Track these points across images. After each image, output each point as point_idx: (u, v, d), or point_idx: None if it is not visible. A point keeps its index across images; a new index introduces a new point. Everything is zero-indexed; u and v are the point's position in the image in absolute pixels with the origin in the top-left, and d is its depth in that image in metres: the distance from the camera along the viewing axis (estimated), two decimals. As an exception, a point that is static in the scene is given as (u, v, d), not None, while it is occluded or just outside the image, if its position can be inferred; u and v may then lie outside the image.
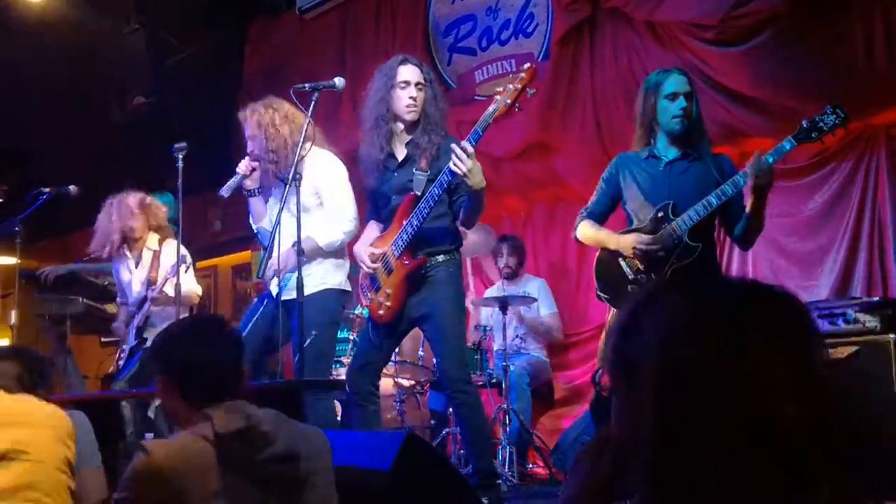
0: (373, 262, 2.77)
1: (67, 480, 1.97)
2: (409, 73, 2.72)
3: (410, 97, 2.69)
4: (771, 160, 2.50)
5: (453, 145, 2.50)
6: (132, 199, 3.79)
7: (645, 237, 2.65)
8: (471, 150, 2.45)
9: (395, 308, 2.72)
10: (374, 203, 2.92)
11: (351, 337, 4.09)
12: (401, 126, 2.77)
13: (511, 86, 2.50)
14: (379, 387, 2.86)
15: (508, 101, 2.49)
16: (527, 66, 2.54)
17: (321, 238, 2.92)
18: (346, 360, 4.02)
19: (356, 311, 4.00)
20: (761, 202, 2.53)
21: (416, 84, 2.72)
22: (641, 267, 2.68)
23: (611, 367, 0.71)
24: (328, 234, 2.93)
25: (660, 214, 2.67)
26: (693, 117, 2.66)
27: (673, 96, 2.66)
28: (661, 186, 2.68)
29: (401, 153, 2.77)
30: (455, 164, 2.44)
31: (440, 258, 2.71)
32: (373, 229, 2.92)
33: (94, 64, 5.61)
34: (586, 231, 2.85)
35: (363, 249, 2.82)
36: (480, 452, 2.68)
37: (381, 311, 2.75)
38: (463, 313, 2.75)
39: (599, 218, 2.87)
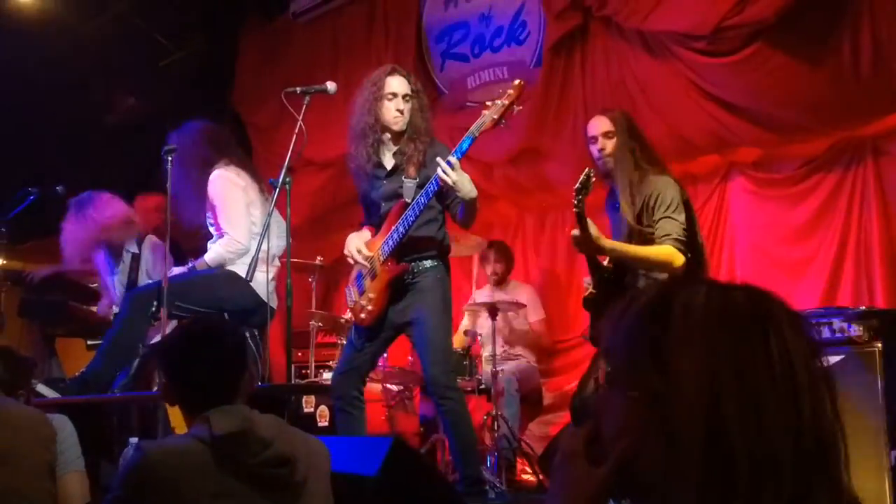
0: (357, 259, 2.81)
1: (49, 485, 1.94)
2: (396, 84, 2.76)
3: (398, 109, 2.73)
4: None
5: (438, 159, 2.54)
6: (114, 208, 3.77)
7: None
8: (455, 162, 2.49)
9: (375, 312, 2.74)
10: (366, 209, 2.94)
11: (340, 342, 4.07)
12: (388, 135, 2.80)
13: (499, 101, 2.53)
14: (363, 392, 2.86)
15: (495, 117, 2.52)
16: (516, 82, 2.56)
17: (207, 255, 3.25)
18: (334, 364, 4.00)
19: (345, 317, 3.99)
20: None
21: (404, 96, 2.75)
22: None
23: (628, 365, 0.68)
24: (212, 251, 3.23)
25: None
26: (615, 154, 2.66)
27: (593, 140, 2.71)
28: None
29: (389, 162, 2.81)
30: (442, 177, 2.49)
31: (427, 264, 2.73)
32: (366, 234, 2.93)
33: (86, 65, 5.58)
34: None
35: (354, 243, 2.83)
36: (467, 459, 2.67)
37: (362, 315, 2.77)
38: (449, 320, 2.76)
39: None
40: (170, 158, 3.15)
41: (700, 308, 0.65)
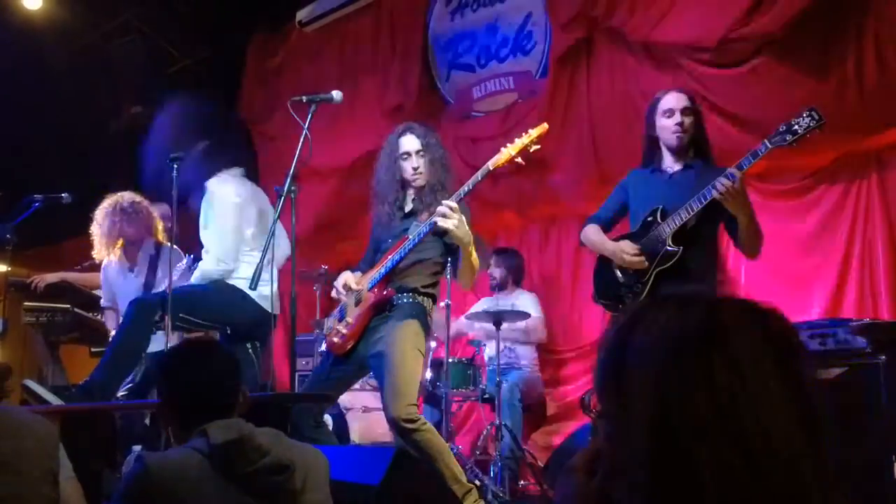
0: (345, 290, 2.86)
1: (52, 493, 1.94)
2: (408, 143, 2.86)
3: (413, 167, 2.85)
4: (745, 165, 2.56)
5: (442, 204, 2.60)
6: (132, 203, 3.77)
7: (629, 248, 2.72)
8: (455, 206, 2.57)
9: (349, 338, 2.79)
10: (370, 251, 2.99)
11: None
12: (411, 190, 2.92)
13: (518, 140, 2.63)
14: (322, 423, 2.90)
15: (512, 153, 2.62)
16: (540, 125, 2.66)
17: (193, 276, 3.19)
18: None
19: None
20: (736, 211, 2.57)
21: (417, 152, 2.85)
22: (629, 271, 2.75)
23: (599, 387, 0.71)
24: (201, 266, 3.18)
25: (649, 218, 2.73)
26: (692, 132, 2.74)
27: (669, 112, 2.74)
28: (659, 192, 2.75)
29: (409, 206, 2.92)
30: (439, 220, 2.56)
31: (407, 298, 2.76)
32: (359, 273, 2.96)
33: (92, 72, 5.62)
34: (588, 235, 2.92)
35: (343, 278, 2.90)
36: (451, 479, 2.60)
37: (335, 339, 2.83)
38: (417, 355, 2.71)
39: (605, 222, 2.93)
40: (175, 166, 3.15)
41: (656, 330, 0.67)
